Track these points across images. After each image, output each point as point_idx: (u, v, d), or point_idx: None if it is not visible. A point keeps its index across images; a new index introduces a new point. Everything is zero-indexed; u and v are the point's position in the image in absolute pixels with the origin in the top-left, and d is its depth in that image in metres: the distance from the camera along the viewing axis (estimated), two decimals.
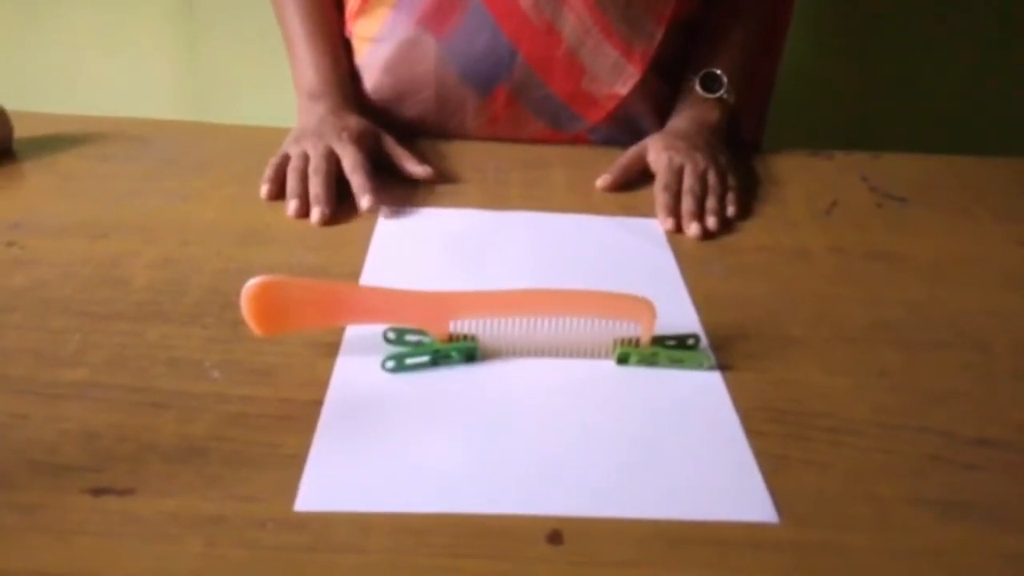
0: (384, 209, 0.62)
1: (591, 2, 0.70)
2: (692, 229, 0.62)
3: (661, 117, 0.77)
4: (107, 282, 0.52)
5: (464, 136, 0.77)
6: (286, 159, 0.66)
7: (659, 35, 0.73)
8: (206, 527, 0.35)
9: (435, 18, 0.72)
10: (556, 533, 0.36)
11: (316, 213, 0.60)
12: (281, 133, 0.71)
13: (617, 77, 0.73)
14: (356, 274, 0.55)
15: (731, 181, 0.68)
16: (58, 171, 0.67)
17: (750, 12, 0.79)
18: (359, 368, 0.45)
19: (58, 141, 0.72)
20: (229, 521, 0.35)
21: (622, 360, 0.46)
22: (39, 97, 1.20)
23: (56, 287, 0.51)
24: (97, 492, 0.36)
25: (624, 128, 0.77)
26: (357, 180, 0.63)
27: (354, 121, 0.70)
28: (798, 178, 0.73)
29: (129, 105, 1.14)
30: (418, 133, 0.77)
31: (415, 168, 0.68)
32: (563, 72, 0.73)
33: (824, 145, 0.80)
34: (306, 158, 0.65)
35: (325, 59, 0.74)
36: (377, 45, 0.75)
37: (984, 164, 0.78)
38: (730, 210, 0.65)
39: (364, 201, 0.62)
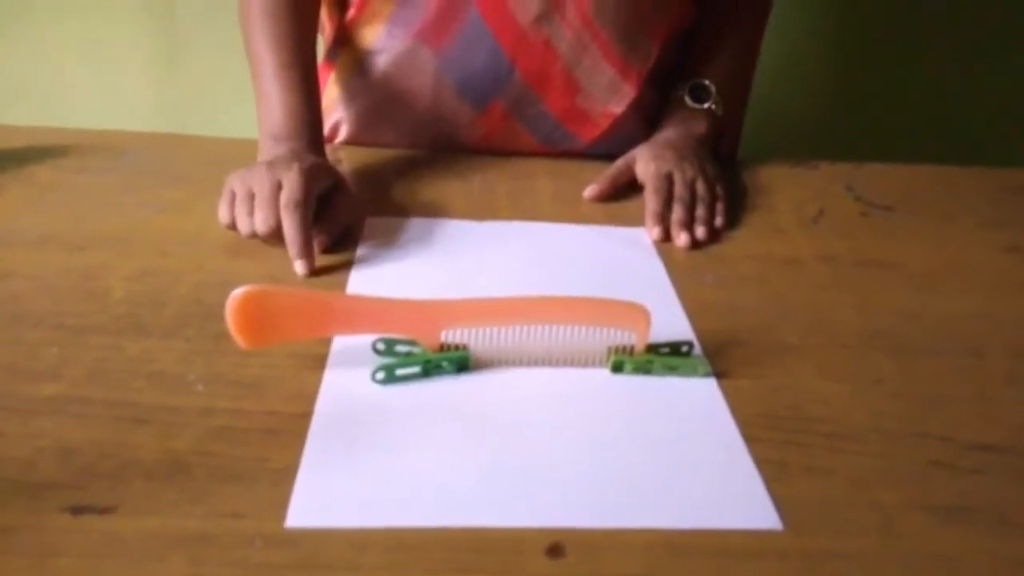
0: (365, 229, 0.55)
1: (589, 19, 0.69)
2: (681, 239, 0.61)
3: (654, 127, 0.76)
4: (84, 295, 0.50)
5: (455, 149, 0.76)
6: (232, 199, 0.58)
7: (655, 53, 0.73)
8: (191, 545, 0.33)
9: (432, 31, 0.70)
10: (557, 546, 0.34)
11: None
12: None
13: (612, 95, 0.73)
14: (341, 286, 0.53)
15: (719, 191, 0.68)
16: (34, 183, 0.66)
17: (744, 26, 0.79)
18: (348, 380, 0.44)
19: (34, 153, 0.71)
20: (216, 539, 0.34)
21: (617, 368, 0.46)
22: (16, 108, 1.19)
23: (32, 300, 0.50)
24: (77, 511, 0.35)
25: (617, 143, 0.75)
26: (289, 228, 0.53)
27: (312, 158, 0.60)
28: (784, 188, 0.73)
29: (108, 117, 1.12)
30: (408, 144, 0.76)
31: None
32: (558, 89, 0.72)
33: (805, 155, 0.80)
34: (251, 199, 0.56)
35: (295, 97, 0.65)
36: (374, 56, 0.74)
37: (967, 173, 0.79)
38: (719, 221, 0.65)
39: (298, 266, 0.53)
